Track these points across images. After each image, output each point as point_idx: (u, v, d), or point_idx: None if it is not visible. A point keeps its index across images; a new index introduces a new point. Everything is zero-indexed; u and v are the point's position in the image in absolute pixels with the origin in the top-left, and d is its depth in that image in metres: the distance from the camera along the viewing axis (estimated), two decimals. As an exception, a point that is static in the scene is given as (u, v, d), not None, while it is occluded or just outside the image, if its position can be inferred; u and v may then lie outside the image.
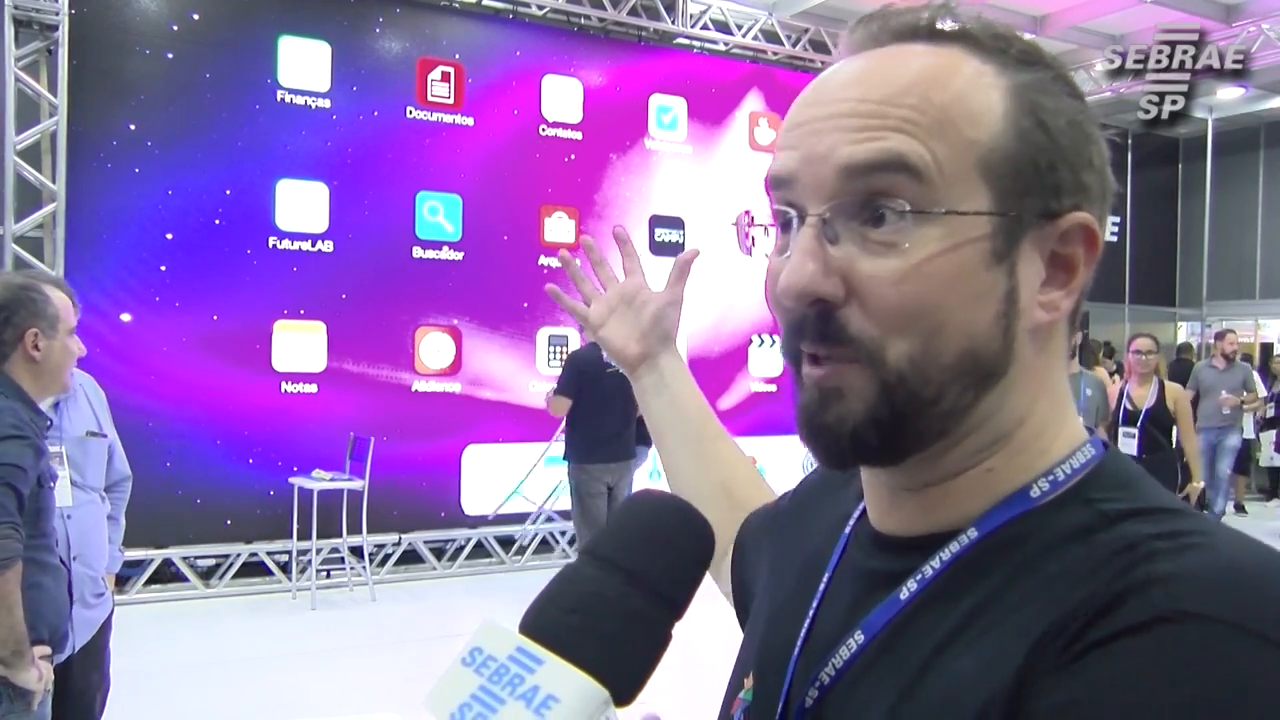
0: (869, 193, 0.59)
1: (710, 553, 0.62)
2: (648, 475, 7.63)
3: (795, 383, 0.65)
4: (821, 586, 0.69)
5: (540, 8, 7.44)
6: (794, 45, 8.43)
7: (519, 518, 7.21)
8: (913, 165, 0.58)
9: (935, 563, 0.61)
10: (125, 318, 6.07)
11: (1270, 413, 9.99)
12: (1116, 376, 10.41)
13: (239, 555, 6.42)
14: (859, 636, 0.62)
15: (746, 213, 0.68)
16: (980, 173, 0.59)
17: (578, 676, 0.51)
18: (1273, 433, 9.74)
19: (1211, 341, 12.76)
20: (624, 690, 0.53)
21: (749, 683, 0.72)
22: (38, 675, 2.18)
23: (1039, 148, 0.60)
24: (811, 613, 0.69)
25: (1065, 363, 0.66)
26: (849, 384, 0.60)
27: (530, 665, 0.51)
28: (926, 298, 0.58)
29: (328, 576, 6.51)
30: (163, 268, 6.16)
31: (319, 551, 6.24)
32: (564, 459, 5.91)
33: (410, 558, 7.03)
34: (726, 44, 8.25)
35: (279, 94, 6.47)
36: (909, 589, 0.61)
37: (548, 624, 0.54)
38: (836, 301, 0.59)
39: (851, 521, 0.72)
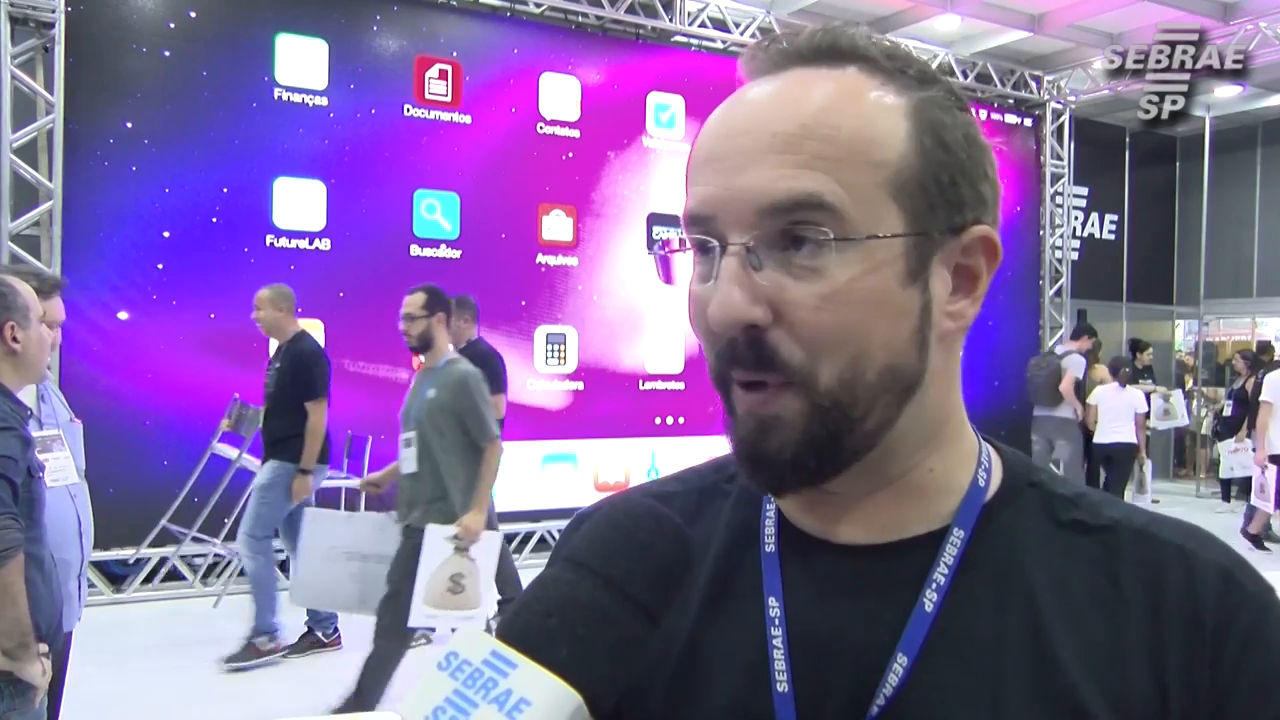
0: (788, 225, 0.60)
1: (686, 560, 0.62)
2: (645, 473, 7.64)
3: (726, 410, 0.65)
4: (775, 614, 0.66)
5: (538, 5, 7.43)
6: (792, 43, 8.41)
7: (518, 516, 7.20)
8: (828, 204, 0.59)
9: (943, 569, 0.64)
10: (122, 316, 6.06)
11: (1228, 411, 9.49)
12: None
13: (236, 554, 6.41)
14: (902, 659, 0.62)
15: (664, 243, 0.67)
16: (890, 194, 0.61)
17: (550, 680, 0.51)
18: (1231, 441, 9.11)
19: (1207, 341, 12.79)
20: (599, 693, 0.53)
21: None
22: (41, 670, 2.17)
23: (941, 164, 0.62)
24: (782, 646, 0.65)
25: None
26: (785, 410, 0.61)
27: (504, 669, 0.51)
28: (850, 321, 0.60)
29: (325, 575, 6.49)
30: (160, 266, 6.15)
31: (317, 550, 6.22)
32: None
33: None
34: (724, 42, 8.25)
35: (276, 92, 6.46)
36: (930, 600, 0.63)
37: (522, 628, 0.55)
38: (765, 325, 0.60)
39: (771, 538, 0.69)
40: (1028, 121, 10.08)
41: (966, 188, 0.64)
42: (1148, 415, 8.95)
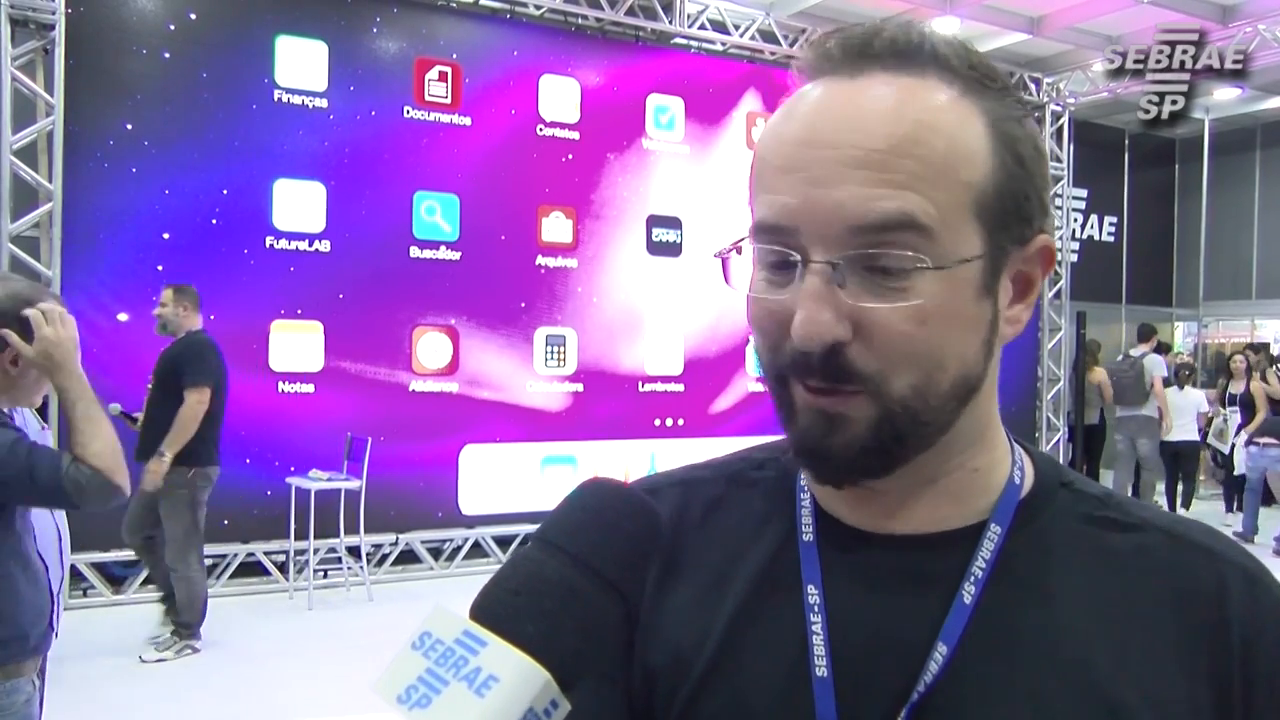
0: (877, 245, 0.60)
1: (655, 538, 0.63)
2: (649, 456, 7.64)
3: (782, 404, 0.65)
4: (815, 601, 0.66)
5: (537, 7, 7.44)
6: (791, 45, 8.42)
7: (517, 518, 7.20)
8: (921, 224, 0.59)
9: (980, 563, 0.65)
10: (122, 317, 6.06)
11: (1239, 418, 9.41)
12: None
13: (236, 555, 6.42)
14: (942, 649, 0.63)
15: (732, 246, 0.67)
16: (974, 213, 0.62)
17: (518, 657, 0.52)
18: (1243, 434, 9.09)
19: (1206, 343, 12.79)
20: (568, 669, 0.53)
21: None
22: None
23: (1018, 180, 0.63)
24: (821, 633, 0.65)
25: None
26: (854, 411, 0.62)
27: (475, 647, 0.53)
28: (932, 339, 0.61)
29: (325, 576, 6.50)
30: (160, 267, 6.14)
31: (316, 551, 6.23)
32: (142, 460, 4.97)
33: (407, 558, 7.03)
34: (724, 44, 8.25)
35: (276, 94, 6.46)
36: (969, 592, 0.64)
37: (493, 606, 0.56)
38: (846, 341, 0.61)
39: (809, 528, 0.70)
40: (1027, 123, 10.07)
41: (1036, 200, 0.65)
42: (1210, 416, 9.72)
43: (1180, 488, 9.41)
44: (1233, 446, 9.27)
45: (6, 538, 2.15)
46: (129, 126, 6.09)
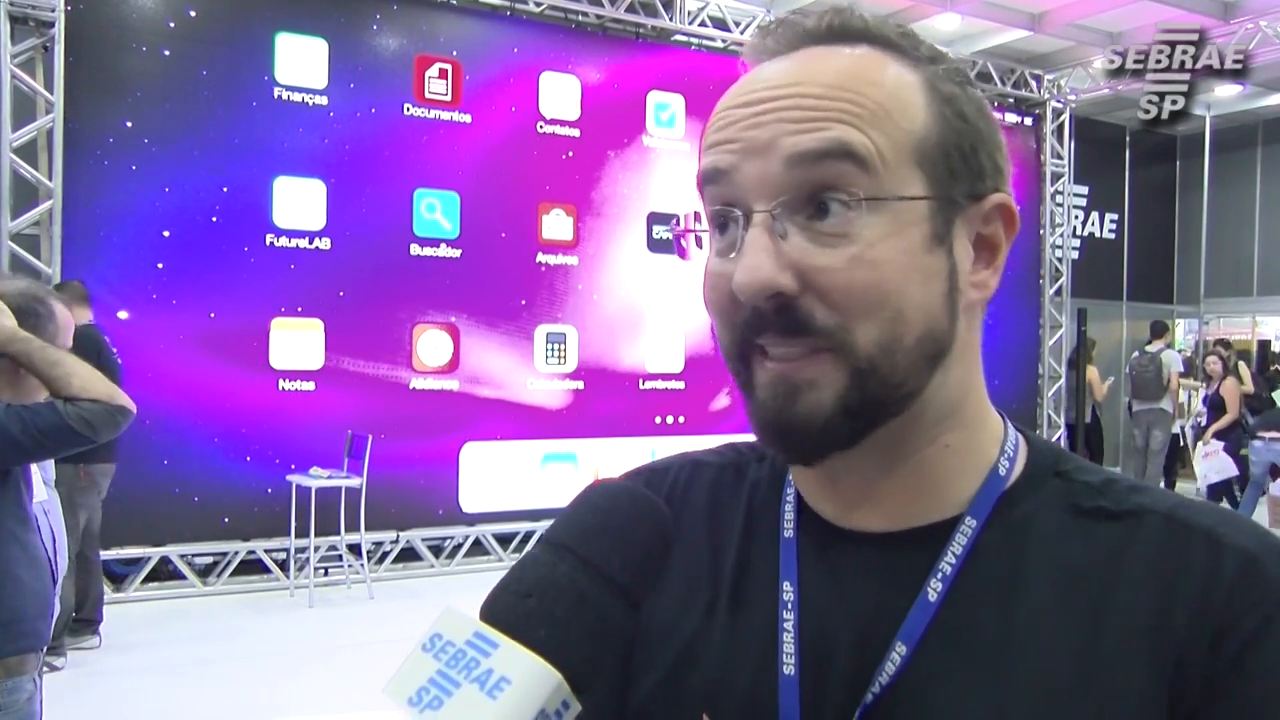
0: (815, 184, 0.60)
1: (665, 542, 0.62)
2: (650, 453, 7.64)
3: (744, 382, 0.64)
4: (789, 598, 0.66)
5: (538, 4, 7.43)
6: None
7: (517, 516, 7.21)
8: (858, 153, 0.59)
9: (950, 559, 0.63)
10: (122, 315, 6.06)
11: (1205, 419, 9.24)
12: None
13: (237, 553, 6.42)
14: (900, 648, 0.61)
15: (678, 220, 0.67)
16: (915, 161, 0.61)
17: (529, 659, 0.52)
18: (1200, 445, 8.86)
19: (1208, 340, 12.78)
20: (579, 673, 0.53)
21: None
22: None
23: (961, 134, 0.63)
24: (792, 630, 0.65)
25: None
26: (820, 374, 0.60)
27: (486, 649, 0.52)
28: (880, 283, 0.59)
29: (325, 574, 6.50)
30: (160, 265, 6.15)
31: (317, 549, 6.23)
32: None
33: (408, 555, 7.03)
34: (724, 41, 8.25)
35: (276, 91, 6.46)
36: (935, 590, 0.62)
37: (503, 609, 0.55)
38: (793, 294, 0.60)
39: (790, 524, 0.69)
40: (1028, 120, 10.07)
41: (985, 157, 0.65)
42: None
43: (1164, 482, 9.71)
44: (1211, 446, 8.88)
45: (6, 519, 2.15)
46: (129, 124, 6.08)
